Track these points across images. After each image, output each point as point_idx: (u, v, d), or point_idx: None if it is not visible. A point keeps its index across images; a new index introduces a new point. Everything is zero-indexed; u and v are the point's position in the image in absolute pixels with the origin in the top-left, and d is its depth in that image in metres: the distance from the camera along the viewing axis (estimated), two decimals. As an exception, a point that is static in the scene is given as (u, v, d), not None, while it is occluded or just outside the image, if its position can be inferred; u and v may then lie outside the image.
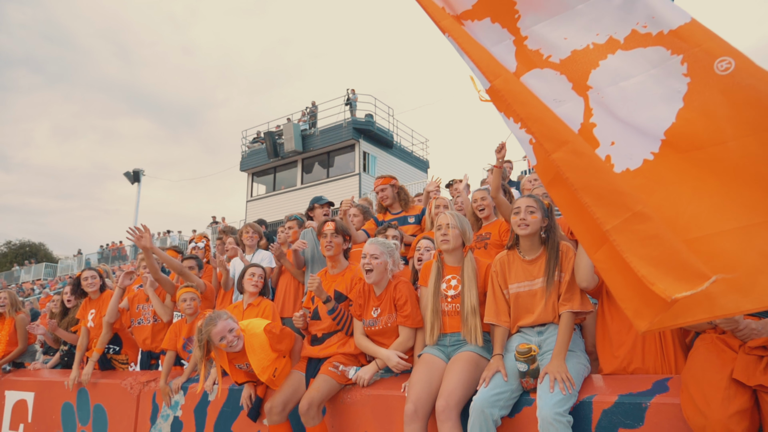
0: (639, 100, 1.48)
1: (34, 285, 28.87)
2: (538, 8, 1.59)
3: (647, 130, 1.47)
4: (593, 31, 1.54)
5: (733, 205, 1.36)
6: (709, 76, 1.35)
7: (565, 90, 1.56)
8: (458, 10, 1.67)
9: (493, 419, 2.63)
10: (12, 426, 5.60)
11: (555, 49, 1.58)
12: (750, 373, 2.15)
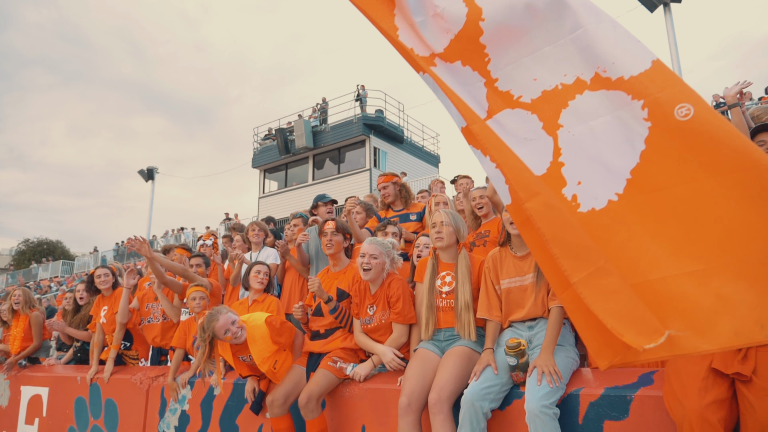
0: (606, 140, 1.52)
1: (51, 282, 29.34)
2: (508, 51, 1.63)
3: (613, 170, 1.51)
4: (561, 71, 1.58)
5: (692, 248, 1.41)
6: (670, 121, 1.40)
7: (536, 129, 1.59)
8: (428, 53, 1.72)
9: (483, 412, 2.71)
10: (28, 420, 5.78)
11: (525, 90, 1.63)
12: (728, 362, 2.21)
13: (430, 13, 1.72)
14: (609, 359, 1.51)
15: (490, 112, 1.63)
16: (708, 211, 1.38)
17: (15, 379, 6.13)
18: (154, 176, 26.56)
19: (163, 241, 28.70)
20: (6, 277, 38.43)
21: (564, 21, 1.56)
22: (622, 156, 1.49)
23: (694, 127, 1.37)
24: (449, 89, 1.65)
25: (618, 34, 1.48)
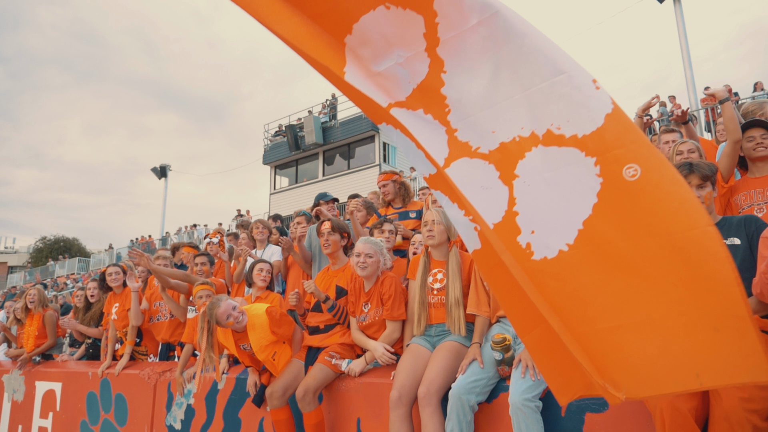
0: (559, 192, 1.58)
1: (68, 279, 29.84)
2: (468, 103, 1.69)
3: (565, 221, 1.58)
4: (519, 125, 1.63)
5: (635, 301, 1.49)
6: (619, 180, 1.47)
7: (493, 178, 1.64)
8: (391, 101, 1.76)
9: (469, 405, 2.80)
10: (42, 414, 5.98)
11: (483, 141, 1.68)
12: None
13: (391, 63, 1.76)
14: (569, 397, 1.65)
15: (448, 161, 1.69)
16: (650, 268, 1.47)
17: (29, 374, 6.32)
18: (167, 174, 26.89)
19: (176, 238, 29.03)
20: (24, 274, 39.12)
21: (522, 77, 1.61)
22: (574, 207, 1.56)
23: (641, 187, 1.44)
24: (412, 135, 1.70)
25: (574, 88, 1.54)
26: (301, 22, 1.74)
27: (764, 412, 2.09)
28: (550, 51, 1.57)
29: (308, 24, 1.74)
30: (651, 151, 1.45)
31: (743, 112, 4.46)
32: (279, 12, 1.72)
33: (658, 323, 1.47)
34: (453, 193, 1.73)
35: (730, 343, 1.38)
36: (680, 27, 17.00)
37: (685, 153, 3.74)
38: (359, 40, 1.76)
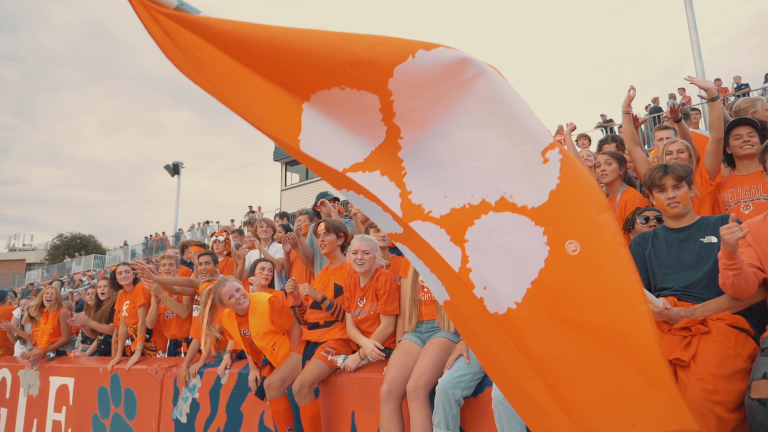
0: (510, 254, 1.67)
1: (84, 276, 30.34)
2: (423, 168, 1.77)
3: (515, 280, 1.67)
4: (469, 193, 1.71)
5: (578, 358, 1.60)
6: (563, 251, 1.57)
7: (445, 240, 1.73)
8: (348, 164, 1.81)
9: (455, 399, 2.91)
10: (56, 408, 6.19)
11: (435, 206, 1.75)
12: (672, 349, 2.38)
13: (349, 130, 1.82)
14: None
15: (403, 222, 1.77)
16: (590, 331, 1.58)
17: (44, 370, 6.53)
18: (179, 171, 27.20)
19: (189, 234, 29.39)
20: (41, 271, 39.83)
21: (476, 147, 1.70)
22: (523, 269, 1.66)
23: (580, 262, 1.56)
24: (374, 195, 1.77)
25: (525, 162, 1.63)
26: (255, 91, 1.76)
27: (729, 404, 2.18)
28: (504, 125, 1.66)
29: (264, 90, 1.76)
30: (591, 229, 1.55)
31: (736, 108, 4.51)
32: (234, 81, 1.74)
33: (599, 380, 1.59)
34: (419, 250, 1.82)
35: (659, 399, 1.51)
36: (690, 19, 16.86)
37: (675, 153, 3.80)
38: (316, 107, 1.80)
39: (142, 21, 1.61)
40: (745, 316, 2.55)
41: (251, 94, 1.75)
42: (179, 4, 1.66)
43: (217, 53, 1.67)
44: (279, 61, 1.69)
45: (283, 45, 1.67)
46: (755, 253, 2.53)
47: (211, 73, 1.70)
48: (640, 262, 2.89)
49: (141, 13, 1.61)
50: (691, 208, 2.88)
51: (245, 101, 1.77)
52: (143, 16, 1.61)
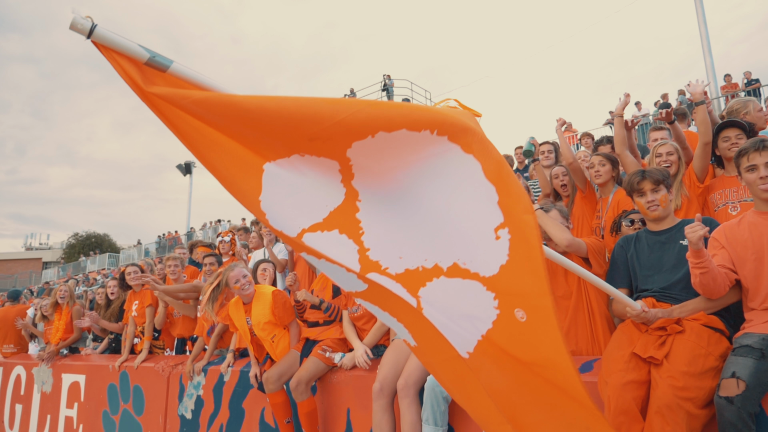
0: (461, 314, 1.81)
1: (99, 274, 30.77)
2: (380, 229, 1.85)
3: (466, 332, 1.81)
4: (423, 257, 1.82)
5: (524, 403, 1.77)
6: (512, 316, 1.71)
7: (403, 293, 1.83)
8: (308, 224, 1.87)
9: (443, 396, 3.01)
10: (68, 405, 6.38)
11: (392, 264, 1.85)
12: (647, 348, 2.47)
13: (309, 191, 1.87)
14: None
15: (363, 276, 1.84)
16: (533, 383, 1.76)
17: (56, 367, 6.73)
18: (191, 170, 27.47)
19: (201, 233, 29.70)
20: (57, 269, 40.42)
21: (432, 216, 1.81)
22: (473, 325, 1.80)
23: (527, 328, 1.69)
24: (329, 257, 1.82)
25: (479, 234, 1.74)
26: (219, 149, 1.79)
27: (699, 401, 2.26)
28: (461, 200, 1.76)
29: (227, 147, 1.79)
30: (536, 302, 1.68)
31: (728, 110, 4.55)
32: (198, 138, 1.76)
33: (544, 424, 1.78)
34: (384, 302, 1.91)
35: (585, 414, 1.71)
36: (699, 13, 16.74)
37: (664, 155, 3.86)
38: (276, 170, 1.84)
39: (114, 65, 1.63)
40: (722, 316, 2.63)
41: (216, 152, 1.79)
42: (151, 56, 1.67)
43: (181, 112, 1.70)
44: (240, 127, 1.73)
45: (245, 114, 1.69)
46: (728, 255, 2.60)
47: (179, 124, 1.73)
48: (623, 264, 2.97)
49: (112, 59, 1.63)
50: (672, 210, 2.95)
51: (211, 159, 1.81)
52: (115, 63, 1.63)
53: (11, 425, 7.32)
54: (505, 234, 1.68)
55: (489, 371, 1.79)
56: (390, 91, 24.30)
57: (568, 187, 4.54)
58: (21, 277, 43.28)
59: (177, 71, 1.73)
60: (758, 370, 2.21)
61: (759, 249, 2.53)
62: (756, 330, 2.39)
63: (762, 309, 2.47)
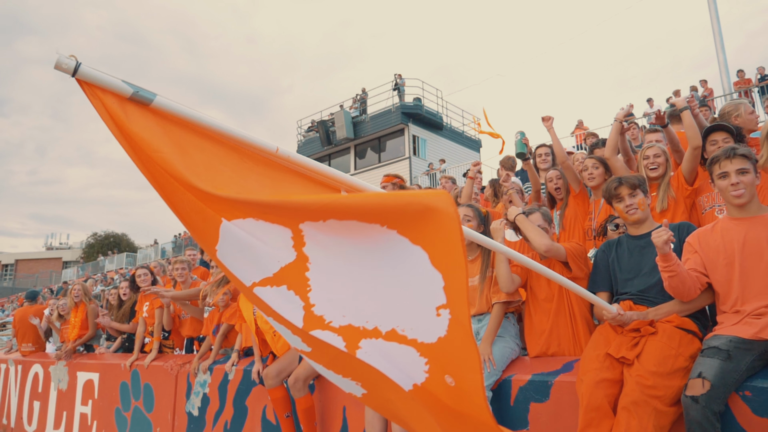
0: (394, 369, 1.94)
1: (117, 274, 31.28)
2: (326, 290, 1.96)
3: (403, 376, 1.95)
4: (365, 318, 1.94)
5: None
6: (442, 379, 1.84)
7: (343, 346, 1.96)
8: (258, 278, 1.97)
9: (430, 394, 3.13)
10: (83, 402, 6.61)
11: (335, 319, 1.96)
12: (620, 348, 2.58)
13: (261, 249, 1.96)
14: None
15: (306, 334, 1.98)
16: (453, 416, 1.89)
17: (72, 366, 6.97)
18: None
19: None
20: (76, 269, 41.15)
21: (378, 286, 1.92)
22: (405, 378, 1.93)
23: (455, 393, 1.82)
24: (282, 317, 1.97)
25: (421, 307, 1.86)
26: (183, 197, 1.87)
27: (667, 399, 2.36)
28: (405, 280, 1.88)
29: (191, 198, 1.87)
30: (466, 375, 1.80)
31: (721, 112, 4.60)
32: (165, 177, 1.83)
33: None
34: (329, 361, 2.07)
35: None
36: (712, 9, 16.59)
37: (651, 158, 3.93)
38: (233, 227, 1.93)
39: (94, 103, 1.70)
40: (697, 318, 2.73)
41: (179, 197, 1.88)
42: (134, 92, 1.73)
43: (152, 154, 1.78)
44: (202, 184, 1.82)
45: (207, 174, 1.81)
46: (701, 259, 2.69)
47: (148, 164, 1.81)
48: (605, 268, 3.07)
49: (94, 96, 1.69)
50: (649, 213, 3.04)
51: (176, 202, 1.90)
52: (96, 99, 1.69)
53: (29, 421, 7.59)
54: (446, 314, 1.81)
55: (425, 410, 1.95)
56: (401, 91, 24.36)
57: (562, 190, 4.62)
58: (42, 277, 44.18)
59: (160, 105, 1.80)
60: (724, 370, 2.30)
61: (730, 254, 2.61)
62: (724, 332, 2.48)
63: (732, 312, 2.56)
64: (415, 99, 24.43)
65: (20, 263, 52.20)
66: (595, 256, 3.17)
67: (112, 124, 1.72)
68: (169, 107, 1.81)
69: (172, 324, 6.10)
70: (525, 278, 3.30)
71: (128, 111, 1.75)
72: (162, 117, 1.82)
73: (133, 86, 1.72)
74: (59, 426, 6.92)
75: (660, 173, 3.87)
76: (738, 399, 2.34)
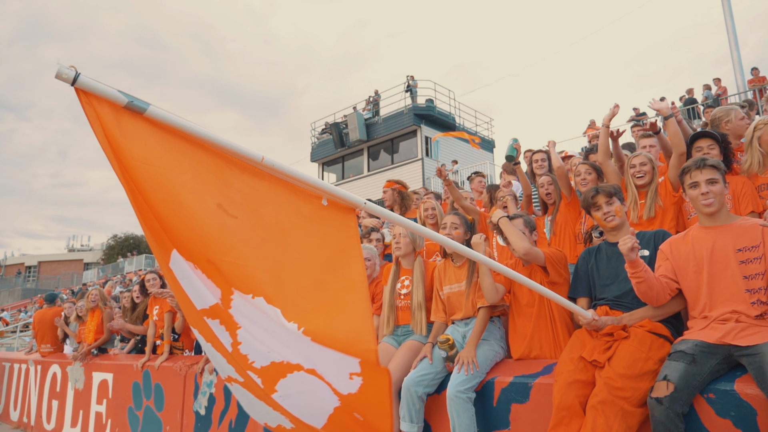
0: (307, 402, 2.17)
1: (136, 275, 31.80)
2: (252, 328, 2.13)
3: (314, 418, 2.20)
4: (285, 354, 2.13)
5: None
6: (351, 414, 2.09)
7: (258, 391, 2.17)
8: (199, 307, 2.12)
9: (417, 395, 3.27)
10: (98, 401, 6.86)
11: (258, 358, 2.13)
12: (593, 352, 2.70)
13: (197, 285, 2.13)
14: None
15: (239, 366, 2.17)
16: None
17: (88, 366, 7.23)
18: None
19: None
20: (97, 270, 41.89)
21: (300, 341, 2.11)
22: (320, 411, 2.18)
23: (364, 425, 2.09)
24: (220, 344, 2.16)
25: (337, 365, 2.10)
26: (142, 210, 2.04)
27: (634, 400, 2.47)
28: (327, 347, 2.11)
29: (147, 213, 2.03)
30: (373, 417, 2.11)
31: (711, 117, 4.67)
32: (140, 193, 1.98)
33: None
34: (260, 395, 2.26)
35: None
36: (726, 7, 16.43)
37: (638, 167, 4.02)
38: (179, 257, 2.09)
39: (87, 112, 1.80)
40: (671, 323, 2.83)
41: (143, 210, 2.03)
42: (129, 101, 1.83)
43: (132, 164, 1.91)
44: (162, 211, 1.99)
45: (172, 203, 1.96)
46: (671, 266, 2.79)
47: (126, 178, 1.95)
48: (584, 274, 3.19)
49: (89, 105, 1.79)
50: (625, 220, 3.15)
51: (142, 212, 2.04)
52: (91, 108, 1.79)
53: (48, 420, 7.87)
54: (359, 380, 2.06)
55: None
56: (413, 93, 24.46)
57: (553, 195, 4.73)
58: (63, 278, 45.05)
59: (153, 114, 1.92)
60: (688, 373, 2.41)
61: (699, 261, 2.71)
62: (691, 337, 2.58)
63: (700, 317, 2.66)
64: (428, 100, 24.52)
65: (43, 265, 53.27)
66: (577, 263, 3.28)
67: (102, 133, 1.83)
68: (162, 116, 1.92)
69: (183, 326, 6.31)
70: (509, 286, 3.42)
71: (122, 120, 1.86)
72: (154, 125, 1.94)
73: (128, 96, 1.83)
74: (76, 424, 7.18)
75: (646, 181, 3.96)
76: (702, 401, 2.44)
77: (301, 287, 2.11)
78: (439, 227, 5.05)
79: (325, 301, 2.09)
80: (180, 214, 1.97)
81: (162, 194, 1.94)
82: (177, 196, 1.95)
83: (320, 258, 2.14)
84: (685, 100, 17.77)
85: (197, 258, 2.05)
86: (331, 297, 2.09)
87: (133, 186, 1.94)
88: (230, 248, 2.03)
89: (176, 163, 1.96)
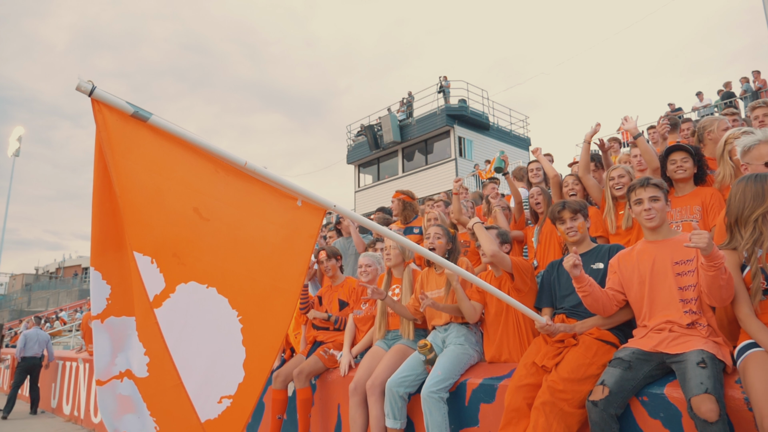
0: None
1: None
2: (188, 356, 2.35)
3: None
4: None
5: None
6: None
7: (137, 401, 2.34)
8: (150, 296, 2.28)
9: (399, 395, 3.61)
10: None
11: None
12: (543, 357, 2.97)
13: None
14: None
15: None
16: None
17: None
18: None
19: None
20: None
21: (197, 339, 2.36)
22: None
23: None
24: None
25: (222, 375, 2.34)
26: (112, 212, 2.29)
27: (574, 402, 2.73)
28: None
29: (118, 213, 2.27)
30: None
31: (699, 125, 4.81)
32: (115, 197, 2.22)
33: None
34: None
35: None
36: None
37: (616, 179, 4.24)
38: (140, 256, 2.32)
39: (98, 119, 2.07)
40: (621, 330, 3.08)
41: (106, 209, 2.29)
42: (134, 111, 2.12)
43: (134, 159, 2.20)
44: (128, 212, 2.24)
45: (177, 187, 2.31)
46: (618, 279, 3.04)
47: (105, 170, 2.20)
48: (548, 286, 3.46)
49: (100, 113, 2.07)
50: (587, 235, 3.39)
51: (104, 210, 2.30)
52: (101, 116, 2.07)
53: (95, 414, 8.56)
54: (227, 402, 2.30)
55: None
56: (446, 93, 24.65)
57: (542, 205, 4.96)
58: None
59: (155, 122, 2.27)
60: (622, 378, 2.67)
61: (642, 274, 2.95)
62: (631, 345, 2.83)
63: (641, 326, 2.90)
64: (460, 101, 24.66)
65: (98, 266, 55.56)
66: (542, 275, 3.55)
67: (106, 136, 2.14)
68: (162, 125, 2.29)
69: None
70: (484, 300, 3.72)
71: (128, 126, 2.20)
72: (154, 132, 2.29)
73: (134, 106, 2.20)
74: (118, 418, 7.80)
75: (624, 192, 4.17)
76: (638, 403, 2.69)
77: (256, 281, 2.44)
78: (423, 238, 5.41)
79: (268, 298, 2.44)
80: (160, 213, 2.30)
81: (147, 194, 2.27)
82: (162, 196, 2.30)
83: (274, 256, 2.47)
84: (722, 94, 17.35)
85: (160, 253, 2.32)
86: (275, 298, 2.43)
87: (113, 185, 2.22)
88: (195, 245, 2.37)
89: (167, 169, 2.32)
